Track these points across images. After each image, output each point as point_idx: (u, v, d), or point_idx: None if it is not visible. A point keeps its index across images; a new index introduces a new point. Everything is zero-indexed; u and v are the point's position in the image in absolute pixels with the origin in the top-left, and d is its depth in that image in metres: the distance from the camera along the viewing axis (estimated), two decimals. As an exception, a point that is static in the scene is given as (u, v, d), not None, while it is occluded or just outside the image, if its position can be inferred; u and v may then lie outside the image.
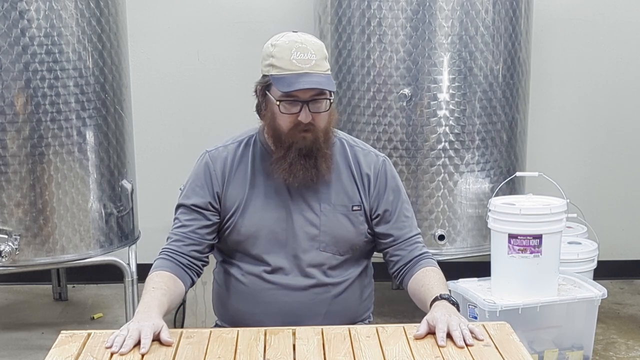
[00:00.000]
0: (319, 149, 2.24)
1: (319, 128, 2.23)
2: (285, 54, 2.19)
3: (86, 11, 3.58)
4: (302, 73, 2.17)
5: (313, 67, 2.19)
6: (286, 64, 2.18)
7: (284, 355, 1.96)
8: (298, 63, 2.18)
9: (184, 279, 2.28)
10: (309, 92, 2.19)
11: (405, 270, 2.36)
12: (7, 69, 3.44)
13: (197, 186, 2.34)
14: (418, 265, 2.34)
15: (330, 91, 2.22)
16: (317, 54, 2.20)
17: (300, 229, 2.30)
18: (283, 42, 2.22)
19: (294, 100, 2.19)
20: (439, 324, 2.05)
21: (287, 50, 2.19)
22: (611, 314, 4.36)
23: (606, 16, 4.65)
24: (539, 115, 4.58)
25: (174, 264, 2.28)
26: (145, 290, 2.19)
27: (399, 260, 2.37)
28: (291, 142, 2.23)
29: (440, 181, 3.82)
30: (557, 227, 3.38)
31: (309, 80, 2.17)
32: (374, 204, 2.35)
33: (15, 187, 3.53)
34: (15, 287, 4.75)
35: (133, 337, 1.98)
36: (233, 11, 4.60)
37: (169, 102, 4.64)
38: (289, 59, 2.18)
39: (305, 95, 2.19)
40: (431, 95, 3.76)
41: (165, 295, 2.17)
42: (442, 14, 3.71)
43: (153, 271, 2.26)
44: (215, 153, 2.36)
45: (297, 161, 2.23)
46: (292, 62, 2.18)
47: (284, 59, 2.19)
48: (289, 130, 2.22)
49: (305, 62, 2.18)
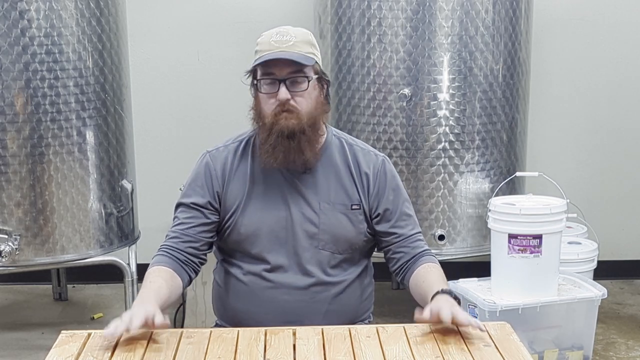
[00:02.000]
0: (303, 131, 2.24)
1: (301, 110, 2.24)
2: (266, 39, 2.26)
3: (86, 11, 3.58)
4: (278, 51, 2.21)
5: (291, 47, 2.22)
6: (265, 45, 2.24)
7: (284, 355, 1.96)
8: (275, 43, 2.23)
9: (181, 274, 2.29)
10: (285, 70, 2.21)
11: (407, 268, 2.36)
12: (7, 69, 3.44)
13: (197, 186, 2.34)
14: (419, 262, 2.34)
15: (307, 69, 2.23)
16: (298, 37, 2.25)
17: (300, 227, 2.30)
18: (269, 31, 2.28)
19: (272, 79, 2.22)
20: (443, 311, 2.03)
21: (268, 36, 2.26)
22: (611, 314, 4.36)
23: (606, 16, 4.65)
24: (539, 115, 4.58)
25: (171, 259, 2.29)
26: (143, 285, 2.20)
27: (401, 258, 2.37)
28: (272, 123, 2.24)
29: (440, 181, 3.82)
30: (557, 227, 3.38)
31: (278, 54, 2.20)
32: (373, 203, 2.35)
33: (15, 187, 3.53)
34: (15, 287, 4.75)
35: (124, 321, 1.98)
36: (233, 11, 4.60)
37: (169, 102, 4.64)
38: (269, 41, 2.24)
39: (282, 72, 2.21)
40: (431, 95, 3.76)
41: (161, 288, 2.18)
42: (442, 14, 3.71)
43: (150, 267, 2.27)
44: (216, 153, 2.36)
45: (279, 143, 2.23)
46: (270, 43, 2.23)
47: (264, 42, 2.25)
48: (271, 112, 2.24)
49: (283, 43, 2.23)
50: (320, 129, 2.32)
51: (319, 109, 2.29)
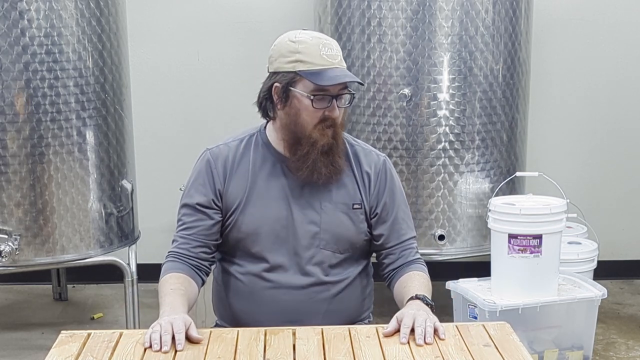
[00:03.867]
0: (338, 144, 2.26)
1: (339, 123, 2.26)
2: (313, 50, 2.20)
3: (86, 11, 3.58)
4: (334, 67, 2.21)
5: (340, 63, 2.23)
6: (317, 59, 2.20)
7: (284, 355, 1.96)
8: (328, 58, 2.20)
9: (196, 280, 2.30)
10: (338, 87, 2.21)
11: (394, 274, 2.37)
12: (7, 69, 3.44)
13: (199, 184, 2.34)
14: (406, 270, 2.35)
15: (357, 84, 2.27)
16: (339, 50, 2.26)
17: (301, 227, 2.30)
18: (306, 38, 2.22)
19: (324, 94, 2.21)
20: (404, 319, 2.06)
21: (314, 46, 2.21)
22: (611, 314, 4.36)
23: (606, 16, 4.65)
24: (539, 115, 4.58)
25: (186, 265, 2.29)
26: (164, 292, 2.18)
27: (391, 264, 2.38)
28: (315, 139, 2.23)
29: (440, 181, 3.83)
30: (557, 227, 3.38)
31: (343, 75, 2.21)
32: (373, 203, 2.35)
33: (15, 187, 3.53)
34: (15, 287, 4.75)
35: (168, 332, 1.98)
36: (233, 11, 4.60)
37: (169, 102, 4.64)
38: (319, 54, 2.20)
39: (335, 89, 2.21)
40: (431, 95, 3.76)
41: (184, 295, 2.18)
42: (442, 14, 3.71)
43: (165, 273, 2.26)
44: (217, 150, 2.36)
45: (319, 158, 2.24)
46: (323, 57, 2.20)
47: (313, 54, 2.20)
48: (314, 127, 2.23)
49: (334, 58, 2.22)
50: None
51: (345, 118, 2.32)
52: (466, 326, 2.13)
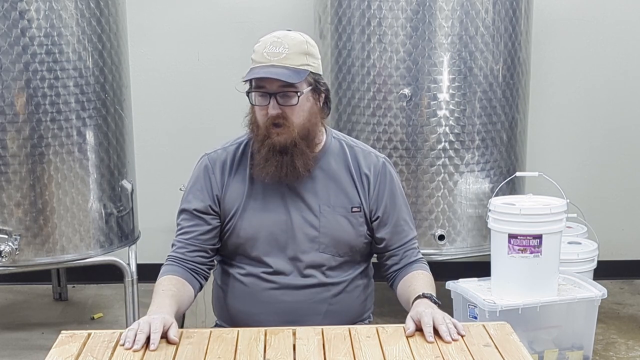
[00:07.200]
0: (295, 145, 2.24)
1: (292, 123, 2.23)
2: (260, 48, 2.23)
3: (86, 11, 3.58)
4: (269, 65, 2.20)
5: (282, 60, 2.20)
6: (258, 56, 2.23)
7: (284, 355, 1.96)
8: (267, 55, 2.21)
9: (193, 283, 2.30)
10: (275, 84, 2.20)
11: (397, 274, 2.37)
12: (7, 69, 3.44)
13: (197, 190, 2.34)
14: (409, 269, 2.35)
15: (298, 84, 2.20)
16: (292, 48, 2.21)
17: (300, 231, 2.30)
18: (266, 38, 2.25)
19: (263, 92, 2.21)
20: (424, 318, 2.06)
21: (263, 45, 2.23)
22: (611, 314, 4.36)
23: (606, 16, 4.65)
24: (539, 115, 4.58)
25: (182, 268, 2.29)
26: (155, 294, 2.20)
27: (394, 265, 2.39)
28: (264, 136, 2.24)
29: (440, 181, 3.83)
30: (557, 227, 3.38)
31: (267, 71, 2.19)
32: (373, 206, 2.35)
33: (15, 187, 3.53)
34: (15, 287, 4.75)
35: (144, 331, 1.99)
36: (233, 11, 4.60)
37: (169, 102, 4.64)
38: (262, 52, 2.22)
39: (272, 86, 2.20)
40: (431, 95, 3.76)
41: (174, 296, 2.19)
42: (442, 14, 3.71)
43: (161, 276, 2.27)
44: (215, 155, 2.36)
45: (271, 157, 2.23)
46: (263, 55, 2.21)
47: (258, 53, 2.23)
48: (263, 125, 2.24)
49: (275, 55, 2.20)
50: (316, 137, 2.31)
51: (312, 120, 2.27)
52: (466, 326, 2.13)
